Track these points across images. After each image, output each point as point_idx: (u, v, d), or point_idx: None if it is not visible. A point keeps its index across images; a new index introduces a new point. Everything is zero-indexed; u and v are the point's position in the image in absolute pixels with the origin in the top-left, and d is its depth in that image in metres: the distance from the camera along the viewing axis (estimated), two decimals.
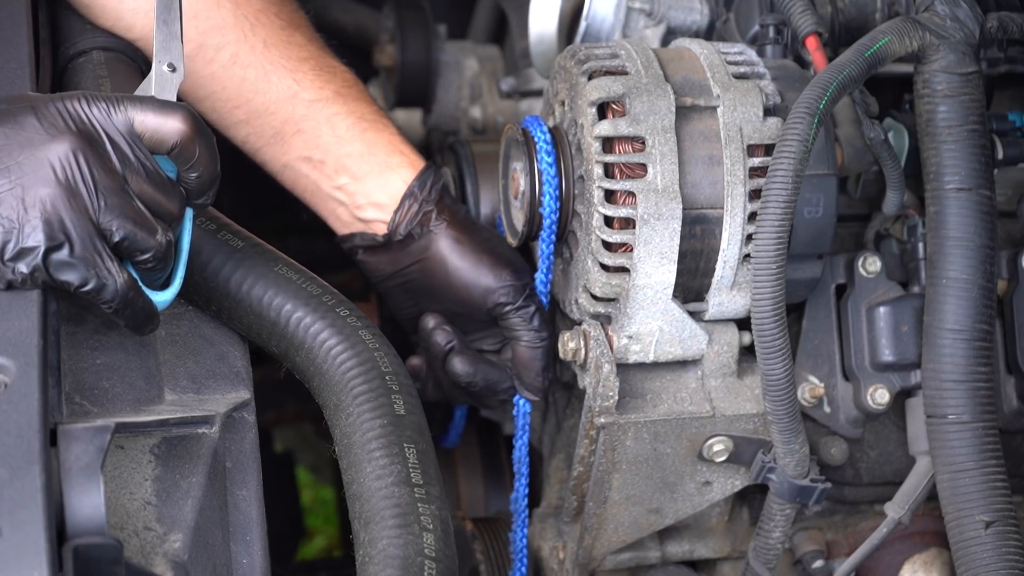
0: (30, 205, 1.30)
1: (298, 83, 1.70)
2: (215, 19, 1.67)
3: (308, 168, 1.73)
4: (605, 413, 1.58)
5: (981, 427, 1.54)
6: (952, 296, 1.54)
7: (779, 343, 1.49)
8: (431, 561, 1.35)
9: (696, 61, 1.59)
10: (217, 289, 1.51)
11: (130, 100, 1.36)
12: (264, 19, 1.70)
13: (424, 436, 1.46)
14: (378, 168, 1.71)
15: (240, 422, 1.47)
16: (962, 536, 1.53)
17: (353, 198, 1.72)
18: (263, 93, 1.70)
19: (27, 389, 1.24)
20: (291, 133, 1.71)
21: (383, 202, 1.71)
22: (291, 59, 1.71)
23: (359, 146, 1.71)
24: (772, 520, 1.65)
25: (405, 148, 1.73)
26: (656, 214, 1.51)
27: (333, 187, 1.73)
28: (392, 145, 1.72)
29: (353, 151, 1.71)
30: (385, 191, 1.71)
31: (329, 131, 1.71)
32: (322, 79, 1.72)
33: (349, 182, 1.72)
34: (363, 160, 1.71)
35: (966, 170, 1.55)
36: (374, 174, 1.71)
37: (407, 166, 1.72)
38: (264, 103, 1.70)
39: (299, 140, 1.71)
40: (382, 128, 1.73)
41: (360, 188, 1.72)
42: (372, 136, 1.72)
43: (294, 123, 1.71)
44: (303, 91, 1.70)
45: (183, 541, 1.34)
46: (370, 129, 1.72)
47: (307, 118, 1.71)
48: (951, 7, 1.57)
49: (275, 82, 1.70)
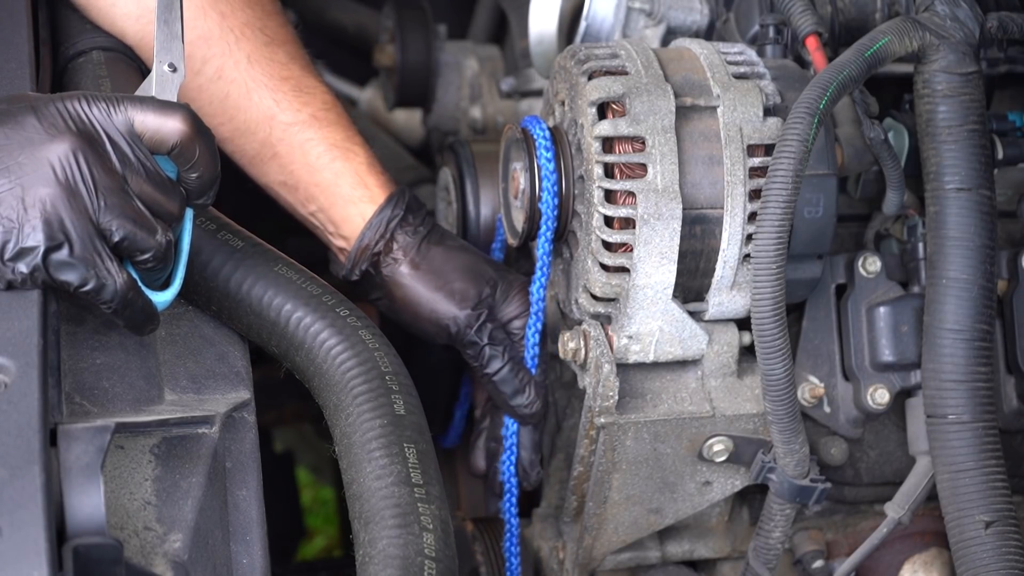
0: (30, 205, 1.30)
1: (277, 103, 1.70)
2: (201, 30, 1.67)
3: (284, 192, 1.75)
4: (605, 413, 1.58)
5: (981, 427, 1.54)
6: (952, 296, 1.54)
7: (779, 343, 1.49)
8: (431, 561, 1.35)
9: (696, 61, 1.59)
10: (217, 289, 1.51)
11: (130, 100, 1.36)
12: (249, 33, 1.70)
13: (424, 436, 1.46)
14: (340, 201, 1.72)
15: (240, 422, 1.47)
16: (962, 536, 1.53)
17: (324, 225, 1.74)
18: (244, 111, 1.70)
19: (27, 389, 1.24)
20: (268, 156, 1.72)
21: (346, 235, 1.73)
22: (272, 77, 1.70)
23: (327, 175, 1.72)
24: (772, 520, 1.66)
25: (371, 179, 1.73)
26: (656, 214, 1.51)
27: (307, 212, 1.75)
28: (358, 177, 1.72)
29: (321, 181, 1.72)
30: (347, 225, 1.73)
31: (302, 157, 1.72)
32: (300, 100, 1.71)
33: (318, 210, 1.73)
34: (329, 191, 1.72)
35: (966, 170, 1.55)
36: (337, 207, 1.72)
37: (368, 201, 1.72)
38: (245, 121, 1.70)
39: (275, 164, 1.73)
40: (352, 156, 1.73)
41: (328, 218, 1.73)
42: (340, 166, 1.72)
43: (271, 146, 1.72)
44: (281, 112, 1.70)
45: (183, 541, 1.34)
46: (340, 158, 1.72)
47: (283, 141, 1.71)
48: (951, 7, 1.57)
49: (256, 101, 1.70)
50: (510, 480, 1.77)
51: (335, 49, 2.47)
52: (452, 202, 1.91)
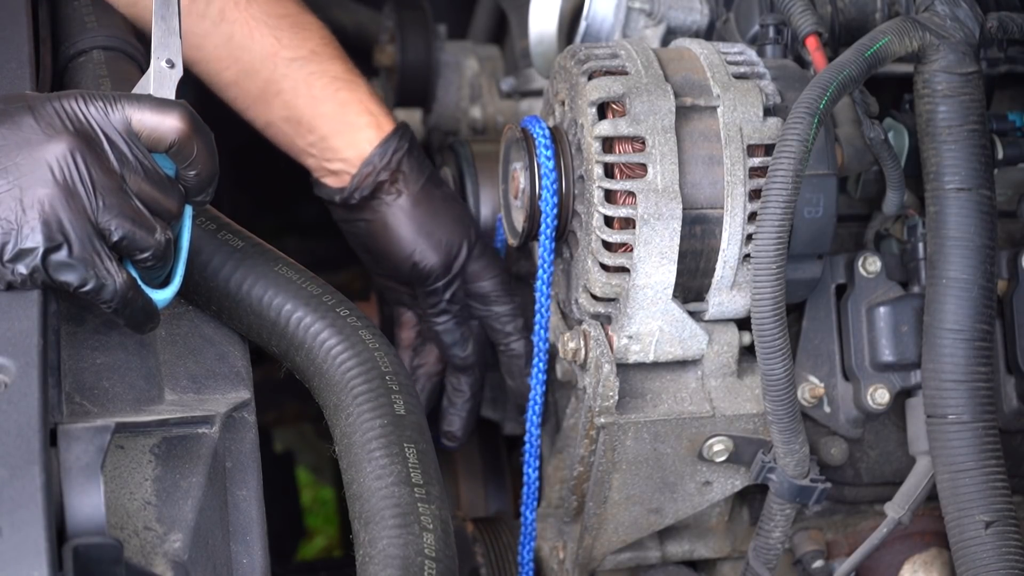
0: (28, 206, 1.30)
1: (279, 40, 1.77)
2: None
3: (287, 127, 1.80)
4: (605, 413, 1.58)
5: (981, 427, 1.53)
6: (952, 296, 1.54)
7: (779, 343, 1.49)
8: (431, 561, 1.35)
9: (696, 61, 1.59)
10: (217, 289, 1.51)
11: (127, 99, 1.36)
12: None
13: (424, 436, 1.46)
14: (346, 129, 1.79)
15: (240, 422, 1.46)
16: (962, 536, 1.53)
17: (323, 154, 1.80)
18: (248, 51, 1.76)
19: (27, 389, 1.24)
20: (273, 93, 1.78)
21: (349, 157, 1.79)
22: (271, 15, 1.77)
23: (332, 106, 1.78)
24: (772, 520, 1.66)
25: (375, 108, 1.80)
26: (656, 214, 1.51)
27: (306, 144, 1.80)
28: (362, 105, 1.79)
29: (327, 111, 1.78)
30: (352, 149, 1.79)
31: (306, 91, 1.78)
32: (300, 37, 1.78)
33: (320, 140, 1.79)
34: (334, 120, 1.78)
35: (966, 170, 1.55)
36: (343, 134, 1.79)
37: (374, 127, 1.79)
38: (250, 61, 1.76)
39: (279, 101, 1.78)
40: (355, 88, 1.80)
41: (329, 145, 1.79)
42: (345, 96, 1.79)
43: (275, 83, 1.78)
44: (283, 49, 1.77)
45: (183, 541, 1.34)
46: (343, 89, 1.79)
47: (287, 77, 1.78)
48: (951, 7, 1.57)
49: (258, 39, 1.76)
50: (531, 485, 1.78)
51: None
52: None
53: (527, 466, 1.77)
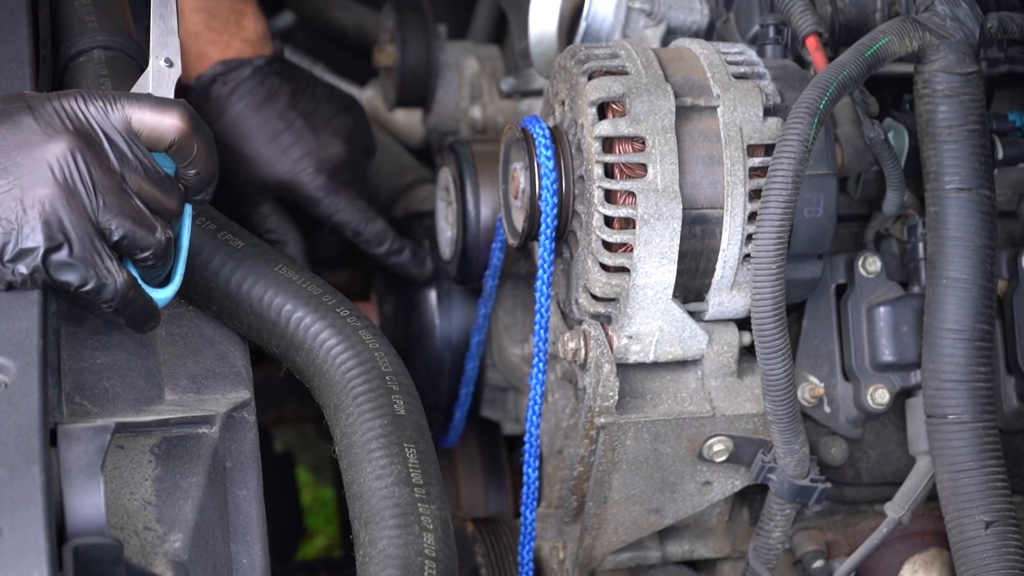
0: (29, 206, 1.30)
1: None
2: None
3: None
4: (605, 413, 1.58)
5: (981, 427, 1.54)
6: (952, 296, 1.54)
7: (779, 343, 1.49)
8: (431, 561, 1.35)
9: (696, 61, 1.59)
10: (217, 289, 1.51)
11: (127, 98, 1.36)
12: None
13: (424, 436, 1.46)
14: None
15: (240, 422, 1.46)
16: (962, 536, 1.53)
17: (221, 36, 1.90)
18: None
19: (27, 389, 1.24)
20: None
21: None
22: None
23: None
24: (772, 520, 1.65)
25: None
26: (656, 214, 1.51)
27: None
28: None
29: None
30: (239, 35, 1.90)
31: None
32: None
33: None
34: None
35: (966, 170, 1.55)
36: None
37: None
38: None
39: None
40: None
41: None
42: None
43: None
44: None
45: (183, 541, 1.34)
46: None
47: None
48: (951, 7, 1.57)
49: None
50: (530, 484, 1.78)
51: (335, 49, 2.47)
52: (452, 202, 1.91)
53: (527, 466, 1.76)
